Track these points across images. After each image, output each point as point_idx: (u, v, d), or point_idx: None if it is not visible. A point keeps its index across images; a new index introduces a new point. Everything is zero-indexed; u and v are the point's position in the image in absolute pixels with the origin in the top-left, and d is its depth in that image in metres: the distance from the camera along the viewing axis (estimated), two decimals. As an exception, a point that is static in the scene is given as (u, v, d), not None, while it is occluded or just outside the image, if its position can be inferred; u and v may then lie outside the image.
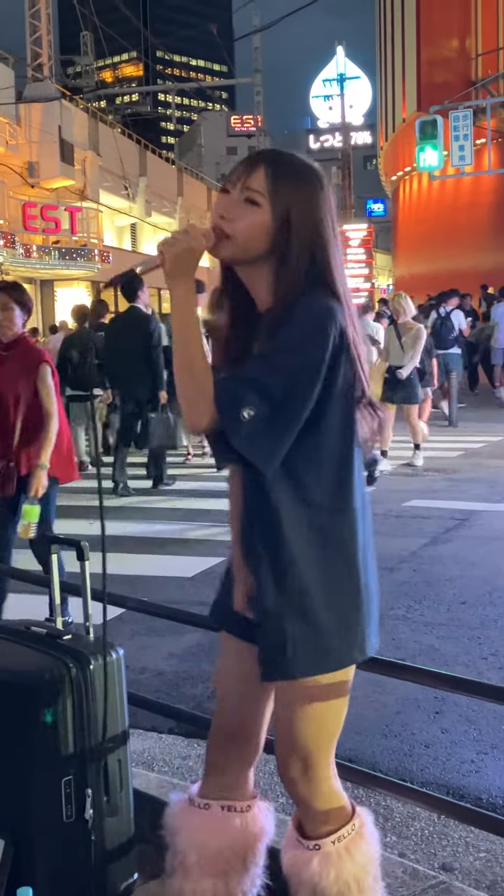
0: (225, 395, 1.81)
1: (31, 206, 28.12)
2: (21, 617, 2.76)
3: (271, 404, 1.80)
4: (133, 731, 3.53)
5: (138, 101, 76.18)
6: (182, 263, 1.86)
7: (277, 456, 1.85)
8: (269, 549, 1.93)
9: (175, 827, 2.19)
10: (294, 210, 1.89)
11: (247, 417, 1.79)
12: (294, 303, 1.87)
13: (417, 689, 3.99)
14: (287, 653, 1.92)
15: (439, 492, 9.15)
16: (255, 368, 1.84)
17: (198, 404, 1.83)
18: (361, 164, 62.78)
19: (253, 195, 1.89)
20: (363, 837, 2.10)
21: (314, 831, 2.07)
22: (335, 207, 1.99)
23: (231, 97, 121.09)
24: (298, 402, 1.84)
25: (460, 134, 23.45)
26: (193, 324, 1.87)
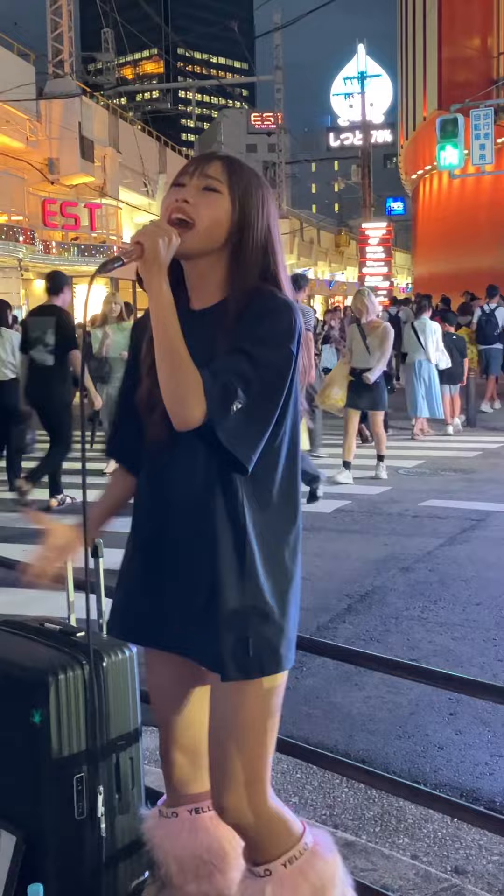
0: (218, 386, 1.79)
1: (50, 203, 28.18)
2: (38, 613, 2.76)
3: (255, 398, 1.82)
4: (146, 729, 3.53)
5: (159, 98, 76.17)
6: (160, 253, 1.83)
7: (257, 451, 1.86)
8: (234, 548, 1.91)
9: (152, 840, 2.18)
10: (250, 202, 1.94)
11: (234, 410, 1.80)
12: (251, 295, 1.90)
13: (432, 690, 3.98)
14: (249, 651, 1.90)
15: (456, 492, 9.12)
16: (236, 361, 1.83)
17: (187, 397, 1.79)
18: (381, 163, 62.64)
19: (212, 182, 1.92)
20: (319, 857, 1.99)
21: (262, 856, 1.97)
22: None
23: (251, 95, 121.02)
24: (277, 396, 1.87)
25: (481, 133, 23.36)
26: (173, 315, 1.83)
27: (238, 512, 1.91)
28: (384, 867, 2.67)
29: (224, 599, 1.91)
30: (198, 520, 1.94)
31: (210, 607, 1.92)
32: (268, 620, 1.93)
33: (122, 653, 2.39)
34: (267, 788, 1.98)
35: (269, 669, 1.94)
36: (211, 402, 1.79)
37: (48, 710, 2.22)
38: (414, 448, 12.01)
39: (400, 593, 5.75)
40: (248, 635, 1.90)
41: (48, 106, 28.87)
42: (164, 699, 2.15)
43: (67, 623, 2.57)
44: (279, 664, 1.95)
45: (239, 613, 1.91)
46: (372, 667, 2.97)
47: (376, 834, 3.13)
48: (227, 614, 1.91)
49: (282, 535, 1.97)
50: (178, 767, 2.15)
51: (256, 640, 1.91)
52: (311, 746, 2.90)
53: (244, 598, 1.91)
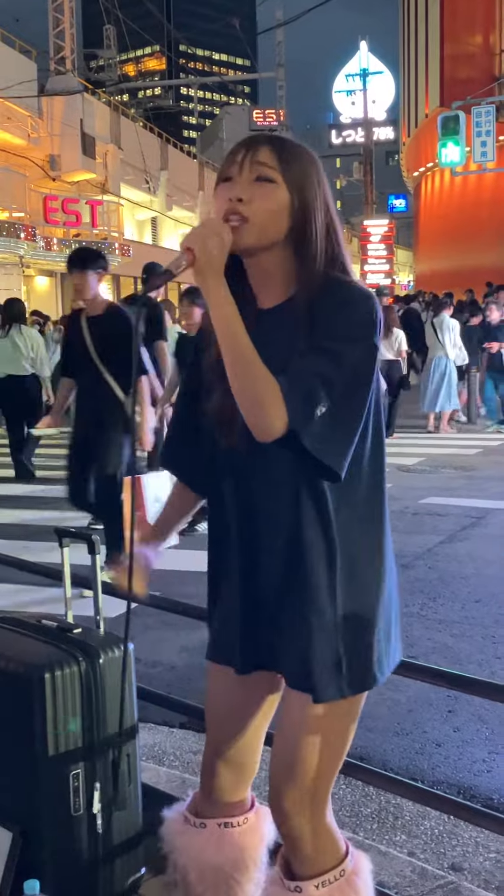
0: (297, 393, 1.66)
1: (52, 199, 28.17)
2: (35, 609, 2.76)
3: (338, 399, 1.68)
4: (144, 725, 3.54)
5: (160, 95, 76.12)
6: (213, 258, 1.69)
7: (348, 456, 1.72)
8: (325, 561, 1.81)
9: (174, 845, 2.11)
10: (307, 186, 1.78)
11: (318, 415, 1.67)
12: (323, 287, 1.75)
13: (430, 687, 3.97)
14: (342, 670, 1.81)
15: (456, 489, 9.12)
16: (317, 361, 1.69)
17: (268, 407, 1.66)
18: (383, 160, 62.61)
19: (265, 171, 1.75)
20: (352, 886, 1.91)
21: (300, 871, 1.90)
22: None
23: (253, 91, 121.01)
24: (361, 395, 1.74)
25: (483, 130, 23.34)
26: (239, 322, 1.70)
27: (328, 522, 1.80)
28: (381, 864, 2.67)
29: (316, 615, 1.81)
30: (286, 532, 1.84)
31: (302, 623, 1.83)
32: (360, 636, 1.84)
33: (119, 649, 2.39)
34: (324, 808, 1.92)
35: (360, 688, 1.86)
36: (292, 411, 1.66)
37: (44, 706, 2.23)
38: (414, 445, 12.01)
39: (399, 590, 5.73)
40: (340, 654, 1.82)
41: (50, 103, 28.86)
42: (220, 710, 2.06)
43: (64, 620, 2.57)
44: (372, 681, 1.86)
45: (332, 629, 1.82)
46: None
47: (373, 831, 3.13)
48: (320, 631, 1.82)
49: (372, 543, 1.87)
50: (220, 779, 2.07)
51: (350, 658, 1.82)
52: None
53: (336, 613, 1.81)
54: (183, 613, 3.36)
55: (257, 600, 1.91)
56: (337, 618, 1.82)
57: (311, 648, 1.82)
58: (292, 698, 1.89)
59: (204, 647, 2.16)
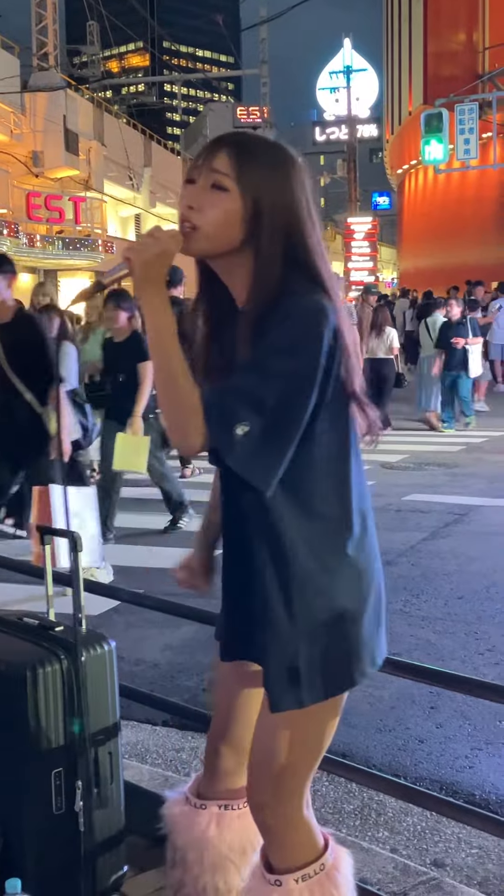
0: (215, 411, 1.65)
1: (35, 196, 28.06)
2: (17, 607, 2.75)
3: (266, 417, 1.65)
4: (127, 723, 3.53)
5: (144, 92, 76.04)
6: (151, 270, 1.70)
7: (276, 473, 1.70)
8: (277, 571, 1.80)
9: (172, 824, 2.14)
10: (265, 193, 1.74)
11: (240, 434, 1.64)
12: (278, 299, 1.72)
13: (413, 683, 3.98)
14: (301, 681, 1.79)
15: (439, 486, 9.14)
16: (244, 377, 1.68)
17: (187, 422, 1.66)
18: (367, 157, 62.45)
19: (218, 178, 1.73)
20: (332, 880, 1.91)
21: (279, 865, 1.90)
22: (312, 189, 1.82)
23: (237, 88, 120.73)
24: (295, 412, 1.69)
25: (466, 127, 23.43)
26: (172, 333, 1.70)
27: (275, 526, 1.79)
28: (363, 860, 2.67)
29: (272, 622, 1.81)
30: (241, 534, 1.86)
31: (259, 630, 1.84)
32: (323, 643, 1.80)
33: (101, 647, 2.39)
34: (303, 797, 1.92)
35: (322, 695, 1.82)
36: (210, 428, 1.65)
37: (26, 704, 2.22)
38: (398, 442, 12.03)
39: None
40: (297, 664, 1.79)
41: (33, 99, 28.74)
42: (224, 693, 2.10)
43: (46, 618, 2.57)
44: (335, 687, 1.84)
45: (287, 639, 1.79)
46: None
47: (356, 827, 3.14)
48: (275, 641, 1.81)
49: (336, 546, 1.82)
50: (222, 760, 2.10)
51: (308, 668, 1.79)
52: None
53: (293, 619, 1.79)
54: (166, 611, 3.36)
55: (231, 596, 1.96)
56: (294, 628, 1.80)
57: (267, 659, 1.83)
58: (265, 696, 1.90)
59: (186, 646, 2.17)
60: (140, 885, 2.52)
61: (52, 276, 31.12)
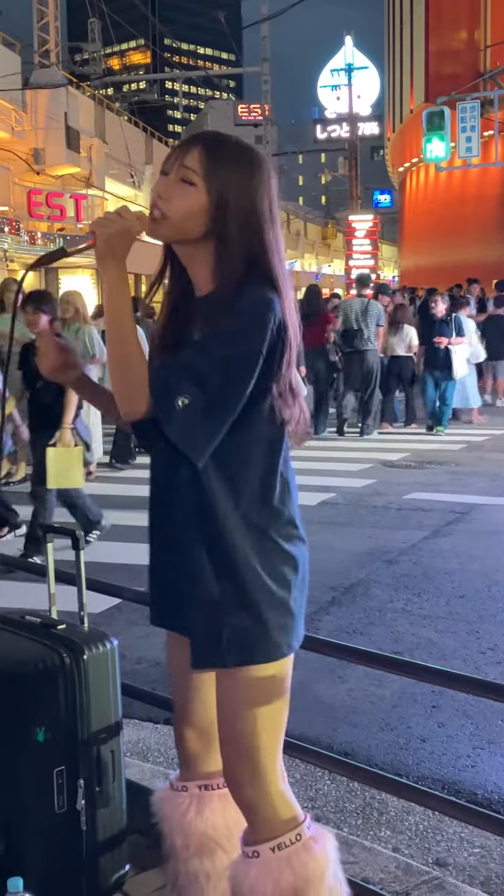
0: (159, 382, 1.80)
1: (36, 193, 28.03)
2: (19, 605, 2.75)
3: (206, 394, 1.78)
4: (129, 721, 3.53)
5: (145, 89, 75.84)
6: (114, 245, 1.83)
7: (209, 446, 1.83)
8: (206, 538, 1.90)
9: (160, 812, 2.19)
10: (230, 191, 1.87)
11: (180, 406, 1.77)
12: (234, 291, 1.85)
13: (414, 683, 3.98)
14: (222, 642, 1.89)
15: (441, 485, 9.13)
16: (191, 356, 1.82)
17: (134, 391, 1.81)
18: (368, 155, 62.49)
19: (188, 174, 1.87)
20: (309, 850, 1.98)
21: (256, 836, 1.98)
22: (276, 191, 1.95)
23: (238, 86, 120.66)
24: (233, 393, 1.82)
25: (467, 125, 23.39)
26: (127, 307, 1.85)
27: (207, 501, 1.89)
28: (365, 860, 2.67)
29: (198, 589, 1.91)
30: (172, 507, 1.96)
31: (186, 595, 1.94)
32: (247, 612, 1.90)
33: (104, 645, 2.38)
34: (270, 772, 1.97)
35: (248, 660, 1.91)
36: (154, 397, 1.79)
37: (28, 702, 2.22)
38: (399, 441, 12.03)
39: (384, 586, 5.76)
40: (221, 626, 1.89)
41: (34, 96, 28.71)
42: (178, 678, 2.16)
43: (48, 616, 2.56)
44: (263, 654, 1.92)
45: (212, 604, 1.90)
46: (355, 660, 2.96)
47: (358, 826, 3.13)
48: (200, 604, 1.91)
49: (267, 526, 1.93)
50: (190, 744, 2.17)
51: (231, 632, 1.89)
52: (293, 739, 2.89)
53: (219, 588, 1.90)
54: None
55: (158, 564, 2.04)
56: (221, 593, 1.90)
57: (194, 624, 1.94)
58: (216, 675, 1.99)
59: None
60: (142, 884, 2.51)
61: (54, 274, 31.13)
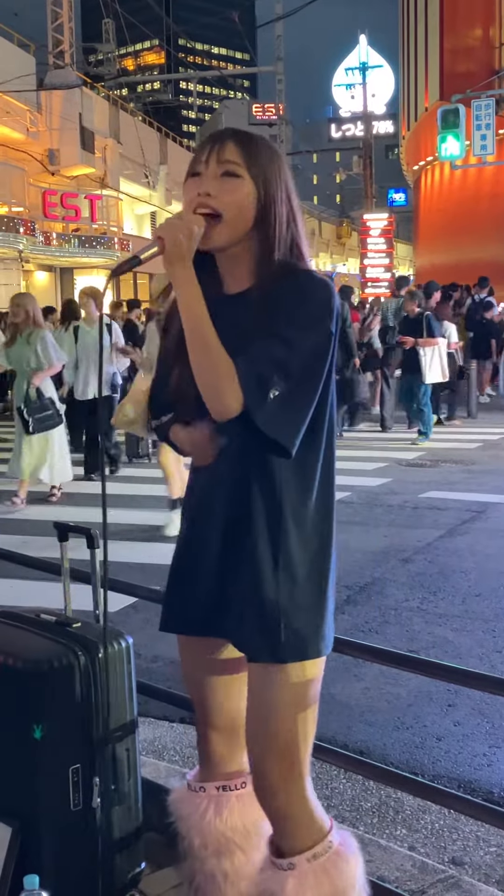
0: (252, 376, 1.78)
1: (51, 194, 28.12)
2: (35, 604, 2.75)
3: (291, 383, 1.79)
4: (144, 720, 3.53)
5: (160, 89, 75.88)
6: (181, 248, 1.82)
7: (299, 433, 1.83)
8: (270, 535, 1.90)
9: (177, 812, 2.19)
10: (270, 179, 1.89)
11: (272, 398, 1.77)
12: (284, 275, 1.86)
13: (430, 681, 3.97)
14: (281, 636, 1.89)
15: (456, 483, 9.11)
16: (270, 347, 1.80)
17: (224, 388, 1.78)
18: (383, 154, 62.31)
19: (231, 167, 1.87)
20: (342, 857, 1.97)
21: (289, 848, 1.94)
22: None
23: (253, 85, 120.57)
24: (315, 379, 1.84)
25: (482, 123, 23.30)
26: (202, 307, 1.83)
27: (276, 497, 1.90)
28: (381, 858, 2.67)
29: (260, 584, 1.90)
30: (237, 505, 1.94)
31: (247, 592, 1.92)
32: (303, 608, 1.91)
33: (119, 644, 2.39)
34: (304, 777, 1.97)
35: (301, 655, 1.92)
36: (247, 392, 1.77)
37: (44, 700, 2.22)
38: (414, 440, 12.00)
39: (399, 585, 5.75)
40: (280, 621, 1.89)
41: (49, 97, 28.81)
42: (198, 681, 2.15)
43: (64, 614, 2.57)
44: (313, 652, 1.93)
45: (274, 599, 1.89)
46: (371, 658, 2.96)
47: (374, 825, 3.13)
48: (262, 599, 1.90)
49: (322, 523, 1.95)
50: (213, 745, 2.16)
51: (289, 627, 1.89)
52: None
53: (280, 584, 1.90)
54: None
55: (204, 569, 2.01)
56: (281, 589, 1.90)
57: (253, 615, 1.91)
58: (250, 675, 1.97)
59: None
60: (157, 882, 2.52)
61: (69, 274, 31.21)
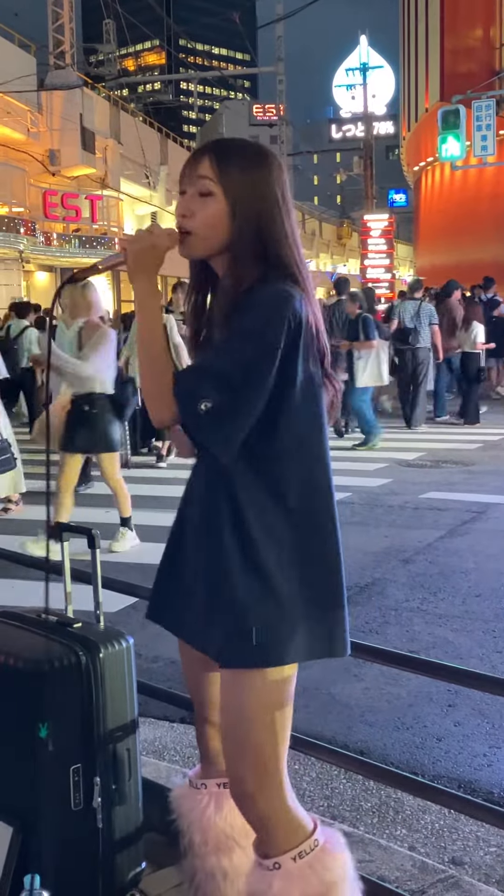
0: (183, 390, 1.84)
1: (51, 194, 28.13)
2: (35, 604, 2.76)
3: (227, 393, 1.81)
4: (145, 720, 3.53)
5: (160, 90, 75.87)
6: (144, 261, 1.89)
7: (234, 443, 1.85)
8: (236, 539, 1.90)
9: (178, 809, 2.21)
10: (245, 191, 1.90)
11: (203, 410, 1.80)
12: (250, 289, 1.88)
13: (430, 681, 3.98)
14: (253, 639, 1.88)
15: (457, 484, 9.11)
16: (210, 357, 1.88)
17: (161, 399, 1.87)
18: (384, 154, 62.33)
19: (204, 184, 1.90)
20: (328, 853, 1.97)
21: (273, 849, 1.95)
22: (287, 183, 2.00)
23: (253, 86, 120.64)
24: (253, 389, 1.84)
25: (483, 124, 23.31)
26: (157, 321, 1.92)
27: (237, 504, 1.90)
28: (381, 858, 2.67)
29: (229, 589, 1.90)
30: (203, 510, 1.98)
31: (215, 596, 1.93)
32: (273, 612, 1.89)
33: (120, 644, 2.39)
34: (281, 781, 1.96)
35: (272, 661, 1.90)
36: (180, 405, 1.83)
37: (44, 700, 2.22)
38: (415, 440, 12.01)
39: (400, 585, 5.75)
40: (250, 624, 1.88)
41: (49, 97, 28.82)
42: (194, 679, 2.18)
43: (65, 614, 2.57)
44: (282, 656, 1.91)
45: (243, 604, 1.89)
46: (371, 659, 2.96)
47: (374, 825, 3.13)
48: (232, 604, 1.89)
49: (306, 521, 1.95)
50: (212, 742, 2.17)
51: (265, 629, 1.88)
52: (308, 738, 2.90)
53: (250, 588, 1.89)
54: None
55: (183, 569, 2.05)
56: (250, 594, 1.89)
57: (223, 620, 1.91)
58: (221, 680, 1.98)
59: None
60: (158, 882, 2.52)
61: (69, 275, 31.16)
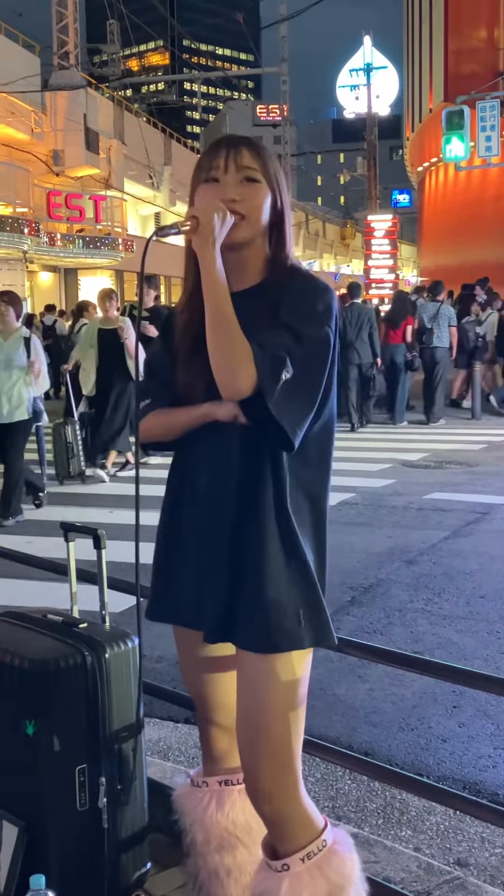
0: (268, 358, 1.82)
1: (55, 195, 28.13)
2: (41, 604, 2.76)
3: (298, 371, 1.83)
4: (149, 720, 3.54)
5: (164, 90, 75.92)
6: (213, 229, 1.88)
7: (305, 423, 1.87)
8: (280, 523, 1.92)
9: (181, 808, 2.21)
10: (280, 184, 2.01)
11: (283, 380, 1.81)
12: (292, 275, 1.96)
13: (435, 682, 3.97)
14: (301, 622, 1.92)
15: (460, 485, 9.10)
16: (281, 336, 1.85)
17: (239, 366, 1.82)
18: (387, 155, 62.40)
19: (251, 173, 1.96)
20: (337, 855, 1.97)
21: (284, 849, 1.95)
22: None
23: (257, 86, 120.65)
24: (319, 373, 1.89)
25: (487, 124, 23.31)
26: (225, 288, 1.88)
27: (282, 496, 1.93)
28: (386, 859, 2.67)
29: (269, 573, 1.91)
30: (244, 503, 1.94)
31: (257, 588, 1.92)
32: (313, 593, 1.95)
33: (125, 644, 2.39)
34: (297, 778, 1.97)
35: (315, 640, 1.95)
36: (262, 372, 1.81)
37: (50, 700, 2.22)
38: (419, 441, 12.00)
39: (404, 586, 5.74)
40: (297, 607, 1.92)
41: (53, 98, 28.83)
42: (196, 677, 2.16)
43: (70, 614, 2.57)
44: (326, 636, 1.97)
45: (287, 586, 1.92)
46: (375, 659, 2.96)
47: (379, 826, 3.13)
48: (274, 587, 1.91)
49: (321, 513, 2.01)
50: (214, 740, 2.18)
51: (306, 612, 1.93)
52: (313, 738, 2.89)
53: (289, 569, 1.92)
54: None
55: (194, 564, 2.02)
56: (292, 581, 1.93)
57: (265, 602, 1.91)
58: (239, 675, 1.98)
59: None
60: (163, 882, 2.52)
61: (73, 275, 31.24)
